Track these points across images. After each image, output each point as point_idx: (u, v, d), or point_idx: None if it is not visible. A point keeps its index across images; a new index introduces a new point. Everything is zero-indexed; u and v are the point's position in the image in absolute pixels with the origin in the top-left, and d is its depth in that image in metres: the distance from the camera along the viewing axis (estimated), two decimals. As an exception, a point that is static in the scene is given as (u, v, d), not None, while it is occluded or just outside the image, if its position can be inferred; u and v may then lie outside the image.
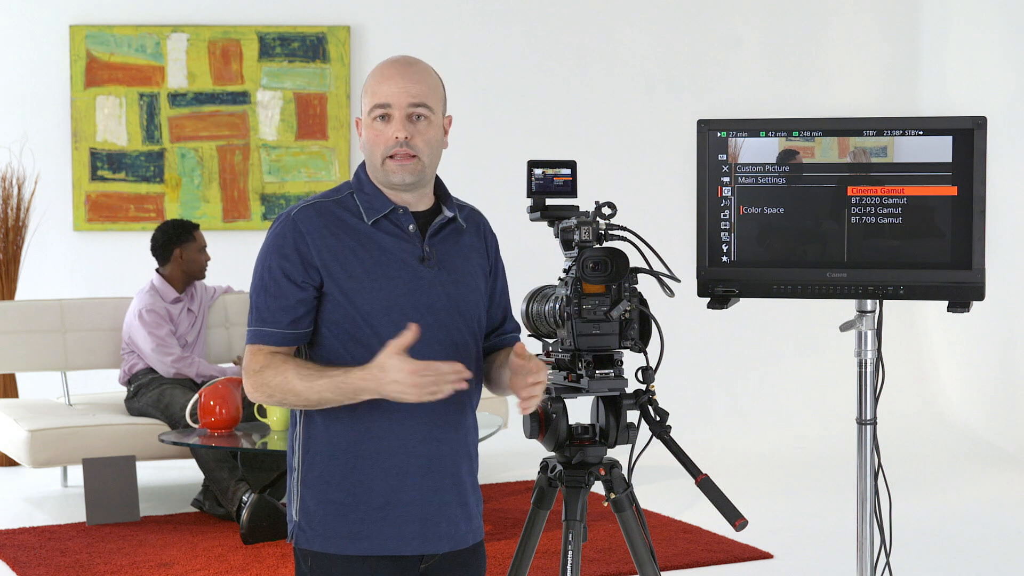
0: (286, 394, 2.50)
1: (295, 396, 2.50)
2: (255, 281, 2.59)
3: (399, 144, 2.53)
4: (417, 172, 2.56)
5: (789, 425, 7.79)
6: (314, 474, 2.57)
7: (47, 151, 7.67)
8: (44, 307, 6.38)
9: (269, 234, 2.59)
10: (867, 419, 3.22)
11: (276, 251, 2.56)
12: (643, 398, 2.80)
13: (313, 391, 2.47)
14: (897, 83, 8.35)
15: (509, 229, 6.25)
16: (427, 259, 2.57)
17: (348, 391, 2.46)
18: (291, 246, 2.54)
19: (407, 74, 2.56)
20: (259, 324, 2.56)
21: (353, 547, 2.56)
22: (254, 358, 2.55)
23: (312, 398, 2.49)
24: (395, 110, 2.54)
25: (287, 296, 2.53)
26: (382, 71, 2.58)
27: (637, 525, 2.86)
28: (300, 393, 2.49)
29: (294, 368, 2.50)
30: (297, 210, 2.57)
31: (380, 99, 2.55)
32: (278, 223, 2.59)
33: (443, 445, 2.59)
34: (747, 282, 3.18)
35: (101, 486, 5.65)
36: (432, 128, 2.57)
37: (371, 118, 2.56)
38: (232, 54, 7.83)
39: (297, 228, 2.54)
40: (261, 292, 2.56)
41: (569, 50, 8.15)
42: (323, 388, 2.47)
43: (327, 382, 2.47)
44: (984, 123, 3.07)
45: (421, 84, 2.56)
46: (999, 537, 5.47)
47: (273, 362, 2.52)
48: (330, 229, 2.55)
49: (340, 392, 2.46)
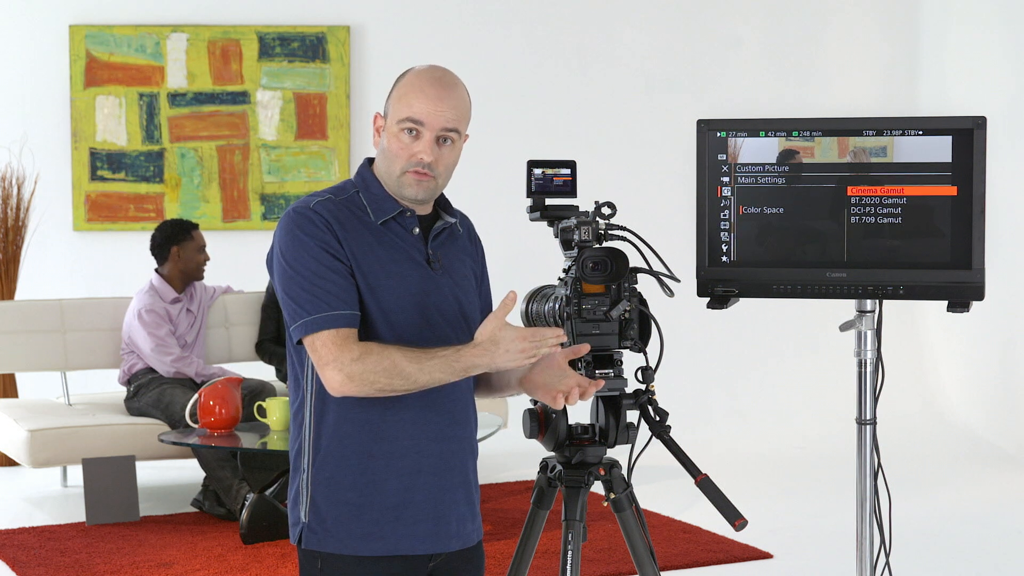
0: (393, 378, 2.42)
1: (403, 379, 2.43)
2: (293, 274, 2.48)
3: (420, 164, 2.52)
4: (431, 191, 2.56)
5: (789, 425, 7.79)
6: (325, 475, 2.54)
7: (47, 151, 7.67)
8: (44, 307, 6.37)
9: (287, 227, 2.51)
10: (867, 419, 3.21)
11: (310, 235, 2.48)
12: (643, 398, 2.79)
13: (424, 372, 2.42)
14: (897, 83, 8.35)
15: (509, 229, 6.29)
16: (432, 262, 2.58)
17: (459, 368, 2.44)
18: (326, 231, 2.49)
19: (446, 97, 2.52)
20: (323, 309, 2.45)
21: (367, 548, 2.53)
22: (344, 347, 2.44)
23: (422, 380, 2.43)
24: (426, 130, 2.52)
25: (345, 276, 2.47)
26: (421, 85, 2.53)
27: (637, 525, 2.86)
28: (410, 376, 2.42)
29: (398, 351, 2.43)
30: (315, 203, 2.52)
31: (414, 114, 2.51)
32: (297, 217, 2.51)
33: (454, 443, 2.59)
34: (747, 282, 3.18)
35: (101, 486, 5.65)
36: (454, 152, 2.57)
37: (399, 128, 2.52)
38: (232, 54, 7.83)
39: (322, 217, 2.50)
40: (312, 278, 2.46)
41: (569, 50, 8.14)
42: (434, 368, 2.42)
43: (438, 362, 2.43)
44: (984, 123, 3.07)
45: (457, 110, 2.53)
46: (999, 537, 5.47)
47: (371, 348, 2.44)
48: (349, 222, 2.53)
49: (452, 370, 2.43)
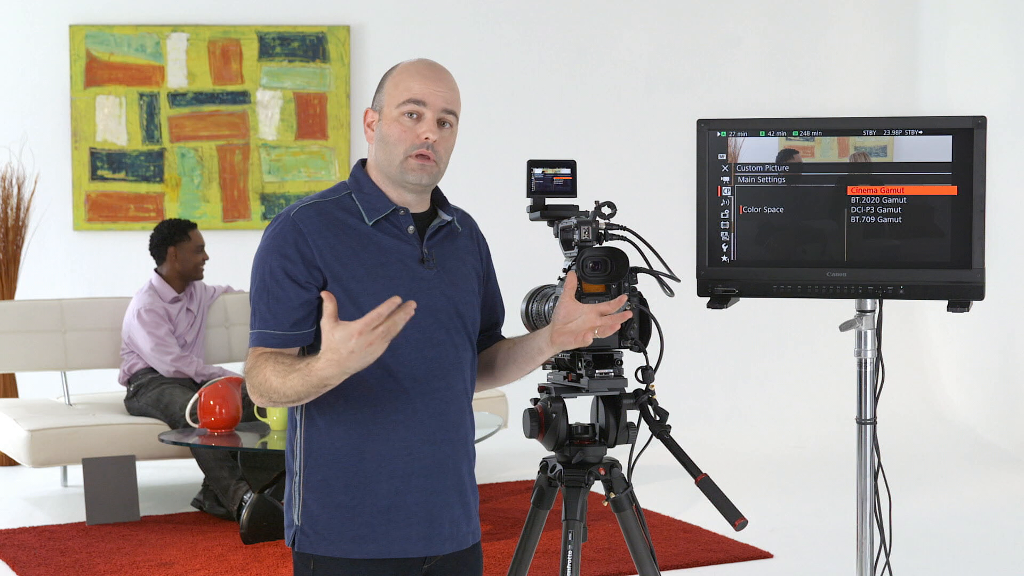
0: (269, 392, 2.44)
1: (277, 394, 2.43)
2: (255, 284, 2.54)
3: (425, 145, 2.53)
4: (433, 175, 2.56)
5: (789, 425, 7.79)
6: (317, 478, 2.54)
7: (47, 151, 7.67)
8: (44, 307, 6.37)
9: (267, 235, 2.55)
10: (867, 419, 3.21)
11: (276, 251, 2.51)
12: (643, 398, 2.79)
13: (288, 386, 2.41)
14: (897, 83, 8.35)
15: (509, 229, 6.29)
16: (426, 260, 2.57)
17: (315, 382, 2.37)
18: (292, 246, 2.50)
19: (442, 78, 2.55)
20: (261, 327, 2.51)
21: (359, 550, 2.53)
22: (248, 359, 2.51)
23: (289, 394, 2.42)
24: (429, 110, 2.53)
25: (290, 297, 2.50)
26: (417, 69, 2.55)
27: (637, 525, 2.86)
28: (278, 390, 2.42)
29: (272, 365, 2.44)
30: (296, 210, 2.54)
31: (415, 95, 2.52)
32: (276, 224, 2.54)
33: (446, 446, 2.58)
34: (747, 282, 3.18)
35: (101, 486, 5.64)
36: (452, 137, 2.58)
37: (400, 112, 2.53)
38: (232, 54, 7.83)
39: (297, 228, 2.51)
40: (263, 294, 2.52)
41: (569, 50, 8.14)
42: (295, 383, 2.40)
43: (296, 376, 2.40)
44: (984, 123, 3.07)
45: (453, 92, 2.56)
46: (999, 537, 5.47)
47: (257, 363, 2.47)
48: (331, 229, 2.52)
49: (310, 384, 2.38)
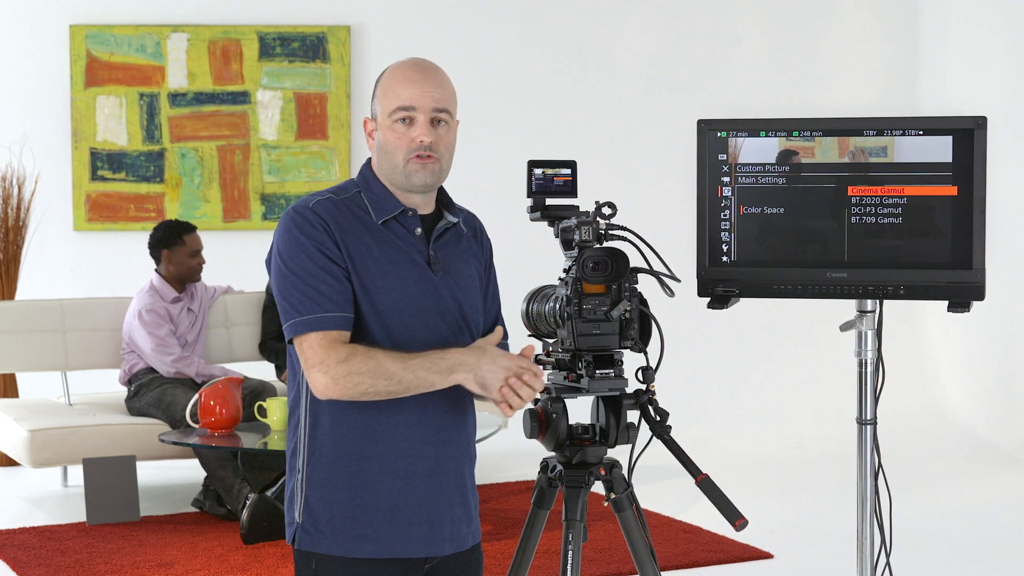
0: (377, 378, 2.42)
1: (387, 379, 2.42)
2: (288, 272, 2.48)
3: (422, 148, 2.52)
4: (437, 174, 2.56)
5: (789, 425, 7.79)
6: (319, 476, 2.54)
7: (47, 151, 7.67)
8: (44, 307, 6.37)
9: (286, 227, 2.51)
10: (867, 419, 3.21)
11: (307, 236, 2.48)
12: (643, 398, 2.79)
13: (409, 370, 2.42)
14: (897, 83, 8.35)
15: (509, 229, 6.29)
16: (433, 262, 2.57)
17: (444, 367, 2.43)
18: (323, 233, 2.48)
19: (429, 78, 2.54)
20: (314, 310, 2.45)
21: (360, 549, 2.53)
22: (331, 349, 2.44)
23: (407, 378, 2.42)
24: (419, 113, 2.53)
25: (336, 275, 2.47)
26: (403, 73, 2.55)
27: (637, 525, 2.86)
28: (394, 375, 2.42)
29: (382, 351, 2.43)
30: (314, 202, 2.52)
31: (403, 101, 2.52)
32: (296, 215, 2.51)
33: (448, 447, 2.58)
34: (747, 282, 3.18)
35: (101, 486, 5.65)
36: (451, 134, 2.58)
37: (392, 120, 2.53)
38: (232, 54, 7.83)
39: (320, 216, 2.50)
40: (306, 278, 2.46)
41: (569, 50, 8.14)
42: (419, 366, 2.42)
43: (423, 360, 2.42)
44: (984, 123, 3.07)
45: (442, 89, 2.55)
46: (999, 537, 5.47)
47: (357, 350, 2.44)
48: (348, 222, 2.52)
49: (436, 369, 2.43)
